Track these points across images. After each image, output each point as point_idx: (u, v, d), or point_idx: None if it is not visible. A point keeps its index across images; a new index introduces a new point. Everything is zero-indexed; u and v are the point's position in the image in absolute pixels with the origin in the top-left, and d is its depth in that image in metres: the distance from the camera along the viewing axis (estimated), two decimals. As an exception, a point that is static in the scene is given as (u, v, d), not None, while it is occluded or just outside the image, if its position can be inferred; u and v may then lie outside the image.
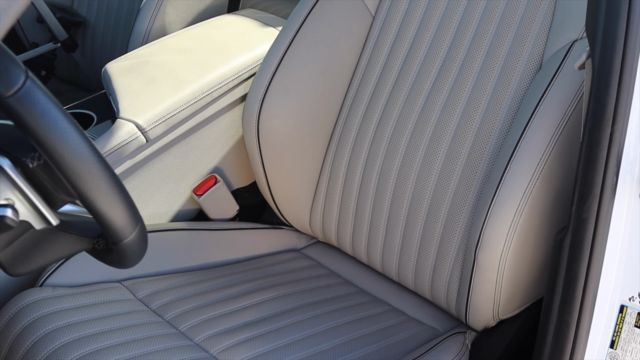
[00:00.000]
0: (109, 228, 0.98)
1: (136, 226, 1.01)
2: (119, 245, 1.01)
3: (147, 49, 1.93)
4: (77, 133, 0.92)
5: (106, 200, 0.95)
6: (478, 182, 1.58)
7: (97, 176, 0.93)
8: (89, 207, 0.95)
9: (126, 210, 0.98)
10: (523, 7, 1.60)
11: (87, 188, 0.93)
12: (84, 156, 0.92)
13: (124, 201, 0.97)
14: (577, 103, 1.45)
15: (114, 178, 0.96)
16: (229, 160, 1.91)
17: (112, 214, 0.96)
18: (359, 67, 1.78)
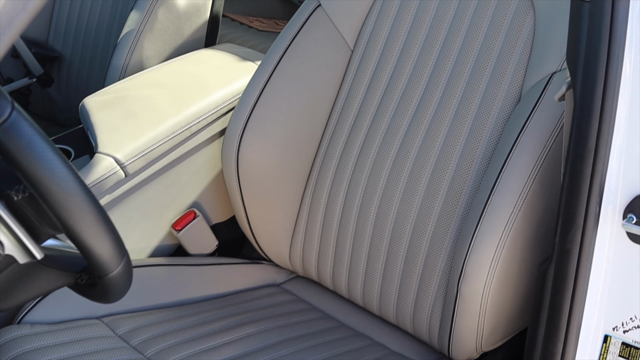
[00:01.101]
0: (94, 261, 0.97)
1: (122, 260, 1.00)
2: (104, 279, 1.00)
3: (125, 83, 1.93)
4: (64, 165, 0.91)
5: (93, 233, 0.94)
6: (459, 214, 1.59)
7: (83, 208, 0.92)
8: (75, 240, 0.94)
9: (112, 244, 0.97)
10: (501, 41, 1.61)
11: (74, 221, 0.92)
12: (71, 188, 0.91)
13: (110, 234, 0.96)
14: (557, 135, 1.46)
15: (100, 210, 0.95)
16: (207, 195, 1.90)
17: (98, 247, 0.95)
18: (338, 101, 1.78)
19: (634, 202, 1.25)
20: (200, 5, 2.21)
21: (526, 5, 1.60)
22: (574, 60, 1.23)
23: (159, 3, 2.12)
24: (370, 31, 1.76)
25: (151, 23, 2.13)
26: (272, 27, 2.91)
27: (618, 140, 1.23)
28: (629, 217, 1.25)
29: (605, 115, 1.21)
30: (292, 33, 1.79)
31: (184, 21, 2.19)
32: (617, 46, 1.18)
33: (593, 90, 1.20)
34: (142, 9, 2.12)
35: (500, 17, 1.62)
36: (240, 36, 2.72)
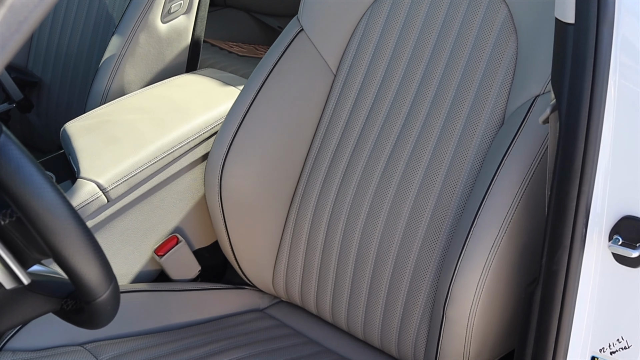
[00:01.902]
0: (83, 286, 0.96)
1: (110, 284, 0.99)
2: (92, 304, 0.99)
3: (107, 108, 1.92)
4: (52, 189, 0.90)
5: (81, 258, 0.93)
6: (444, 236, 1.59)
7: (72, 233, 0.91)
8: (63, 265, 0.93)
9: (101, 268, 0.96)
10: (484, 65, 1.62)
11: (62, 245, 0.91)
12: (59, 212, 0.90)
13: (98, 259, 0.95)
14: (541, 157, 1.47)
15: (89, 235, 0.94)
16: (190, 220, 1.89)
17: (86, 271, 0.94)
18: (321, 125, 1.78)
19: (619, 223, 1.25)
20: (182, 30, 2.21)
21: (508, 29, 1.61)
22: (559, 83, 1.24)
23: (140, 28, 2.12)
24: (353, 56, 1.77)
25: (132, 48, 2.12)
26: (252, 52, 2.91)
27: (603, 162, 1.24)
28: (615, 239, 1.25)
29: (590, 137, 1.22)
30: (274, 58, 1.79)
31: (165, 46, 2.19)
32: (602, 69, 1.19)
33: (579, 112, 1.21)
34: (123, 33, 2.11)
35: (483, 42, 1.63)
36: (221, 61, 2.73)
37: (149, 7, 2.11)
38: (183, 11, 2.20)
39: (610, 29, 1.19)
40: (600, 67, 1.19)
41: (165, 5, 2.14)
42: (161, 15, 2.15)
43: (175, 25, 2.19)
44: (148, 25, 2.13)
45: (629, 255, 1.24)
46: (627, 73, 1.22)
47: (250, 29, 3.15)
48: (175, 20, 2.19)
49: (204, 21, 2.27)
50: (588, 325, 1.30)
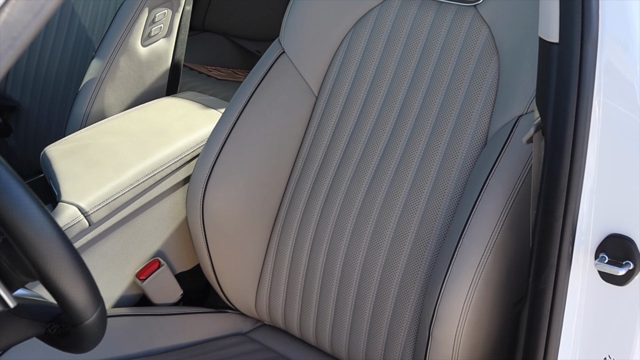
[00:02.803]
0: (70, 309, 0.94)
1: (97, 307, 0.97)
2: (79, 327, 0.97)
3: (87, 131, 1.91)
4: (40, 210, 0.89)
5: (69, 280, 0.92)
6: (428, 257, 1.58)
7: (60, 255, 0.90)
8: (51, 287, 0.91)
9: (88, 291, 0.95)
10: (466, 86, 1.63)
11: (50, 267, 0.90)
12: (47, 234, 0.89)
13: (86, 281, 0.94)
14: (525, 177, 1.47)
15: (77, 257, 0.93)
16: (172, 244, 1.87)
17: (74, 294, 0.93)
18: (304, 147, 1.78)
19: (605, 241, 1.26)
20: (162, 53, 2.21)
21: (490, 51, 1.62)
22: (544, 102, 1.25)
23: (120, 51, 2.11)
24: (335, 78, 1.77)
25: (113, 71, 2.11)
26: (230, 76, 2.91)
27: (589, 180, 1.25)
28: (601, 257, 1.26)
29: (576, 156, 1.22)
30: (256, 80, 1.79)
31: (145, 69, 2.18)
32: (586, 87, 1.20)
33: (564, 130, 1.22)
34: (103, 57, 2.11)
35: (465, 63, 1.64)
36: (200, 85, 2.72)
37: (129, 30, 2.11)
38: (163, 34, 2.20)
39: (595, 47, 1.19)
40: (585, 86, 1.20)
41: (146, 29, 2.14)
42: (141, 39, 2.14)
43: (156, 48, 2.19)
44: (128, 48, 2.13)
45: (616, 273, 1.24)
46: (611, 93, 1.22)
47: (228, 53, 3.15)
48: (156, 44, 2.19)
49: (184, 44, 2.27)
50: (575, 344, 1.30)
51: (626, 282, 1.25)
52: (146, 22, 2.13)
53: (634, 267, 1.24)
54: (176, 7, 2.20)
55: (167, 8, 2.17)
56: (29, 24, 0.57)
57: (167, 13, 2.18)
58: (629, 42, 1.21)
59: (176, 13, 2.20)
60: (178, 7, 2.20)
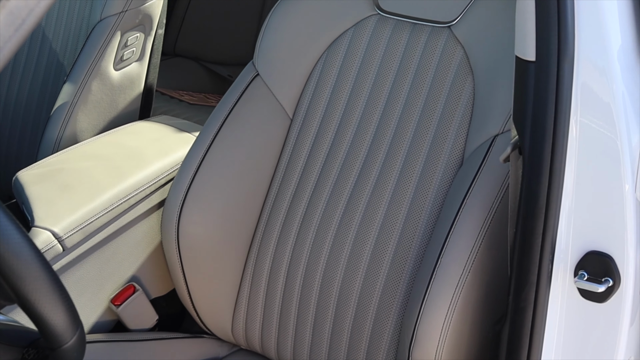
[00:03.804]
0: (49, 332, 0.93)
1: (76, 330, 0.96)
2: (58, 351, 0.96)
3: (60, 156, 1.89)
4: (18, 232, 0.88)
5: (48, 303, 0.90)
6: (406, 278, 1.58)
7: (38, 277, 0.89)
8: (30, 310, 0.90)
9: (67, 314, 0.93)
10: (441, 107, 1.63)
11: (28, 289, 0.88)
12: (25, 256, 0.88)
13: (65, 304, 0.93)
14: (502, 196, 1.47)
15: (56, 279, 0.91)
16: (147, 268, 1.86)
17: (53, 317, 0.91)
18: (279, 169, 1.77)
19: (584, 258, 1.26)
20: (134, 77, 2.20)
21: (465, 71, 1.62)
22: (521, 120, 1.26)
23: (92, 75, 2.10)
24: (309, 100, 1.77)
25: (85, 95, 2.10)
26: (202, 100, 2.91)
27: (567, 198, 1.25)
28: (580, 274, 1.26)
29: (554, 173, 1.23)
30: (230, 103, 1.78)
31: (118, 93, 2.17)
32: (564, 104, 1.21)
33: (542, 148, 1.22)
34: (75, 81, 2.09)
35: (440, 84, 1.65)
36: (173, 109, 2.71)
37: (102, 54, 2.10)
38: (135, 58, 2.19)
39: (571, 65, 1.20)
40: (562, 104, 1.21)
41: (118, 53, 2.13)
42: (114, 63, 2.13)
43: (128, 72, 2.18)
44: (100, 72, 2.12)
45: (595, 290, 1.24)
46: (588, 112, 1.23)
47: (200, 77, 3.15)
48: (128, 68, 2.18)
49: (156, 68, 2.26)
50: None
51: (606, 299, 1.26)
52: (118, 45, 2.12)
53: (614, 283, 1.25)
54: (148, 31, 2.19)
55: (139, 32, 2.16)
56: (10, 38, 0.56)
57: (140, 37, 2.17)
58: (606, 67, 1.22)
59: (148, 37, 2.20)
60: (150, 30, 2.20)
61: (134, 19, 2.14)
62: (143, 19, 2.16)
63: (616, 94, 1.22)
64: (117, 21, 2.10)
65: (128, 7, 2.11)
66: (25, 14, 0.54)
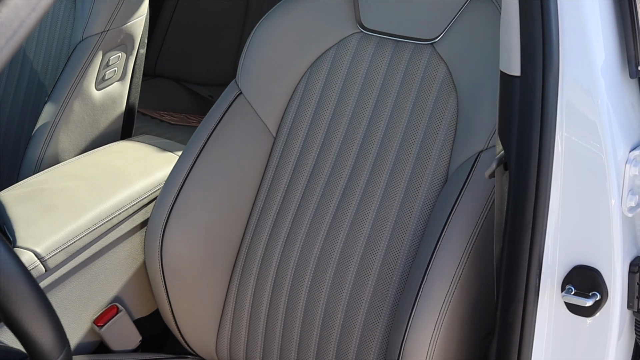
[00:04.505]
0: (36, 351, 0.91)
1: (63, 349, 0.95)
2: (44, 370, 0.94)
3: (42, 176, 1.88)
4: (4, 249, 0.86)
5: (34, 321, 0.89)
6: (391, 297, 1.58)
7: (25, 294, 0.87)
8: (16, 328, 0.88)
9: (54, 332, 0.92)
10: (425, 124, 1.64)
11: (15, 307, 0.87)
12: (12, 273, 0.86)
13: (52, 322, 0.91)
14: (487, 212, 1.47)
15: (42, 297, 0.90)
16: (130, 289, 1.84)
17: (40, 335, 0.90)
18: (263, 188, 1.77)
19: (571, 273, 1.26)
20: (116, 97, 2.19)
21: (448, 88, 1.63)
22: (506, 135, 1.26)
23: (74, 95, 2.09)
24: (292, 118, 1.77)
25: (67, 115, 2.09)
26: (184, 121, 2.90)
27: (554, 213, 1.25)
28: (568, 289, 1.26)
29: (541, 188, 1.23)
30: (213, 121, 1.78)
31: (100, 113, 2.16)
32: (549, 118, 1.21)
33: (528, 163, 1.23)
34: (56, 101, 2.08)
35: (423, 101, 1.65)
36: (154, 129, 2.70)
37: (83, 73, 2.09)
38: (117, 78, 2.18)
39: (556, 79, 1.21)
40: (547, 117, 1.21)
41: (100, 72, 2.12)
42: (95, 82, 2.13)
43: (110, 92, 2.17)
44: (82, 92, 2.11)
45: (583, 305, 1.24)
46: (573, 129, 1.24)
47: (180, 98, 3.14)
48: (110, 87, 2.17)
49: (138, 88, 2.25)
50: (544, 378, 1.30)
51: (593, 313, 1.26)
52: (100, 65, 2.12)
53: (601, 297, 1.25)
54: (130, 51, 2.19)
55: (121, 51, 2.16)
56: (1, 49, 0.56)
57: (122, 56, 2.17)
58: (591, 83, 1.23)
59: (130, 56, 2.19)
60: (132, 50, 2.19)
61: (115, 39, 2.13)
62: (125, 38, 2.16)
63: (601, 109, 1.22)
64: (99, 41, 2.10)
65: (110, 26, 2.11)
66: (17, 25, 0.54)
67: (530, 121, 1.22)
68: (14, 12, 0.54)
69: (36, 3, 0.55)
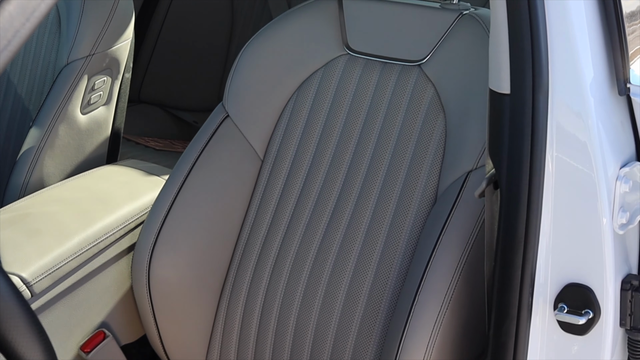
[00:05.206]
0: (26, 373, 0.89)
1: (53, 371, 0.93)
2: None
3: (27, 201, 1.86)
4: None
5: (25, 342, 0.87)
6: (381, 319, 1.57)
7: (15, 315, 0.86)
8: (5, 349, 0.87)
9: (45, 354, 0.90)
10: (413, 145, 1.64)
11: (5, 328, 0.85)
12: (3, 294, 0.85)
13: (43, 344, 0.90)
14: (478, 231, 1.47)
15: (33, 318, 0.89)
16: (117, 314, 1.82)
17: (30, 357, 0.88)
18: (251, 211, 1.76)
19: (564, 291, 1.26)
20: (102, 121, 2.18)
21: (436, 108, 1.63)
22: (497, 154, 1.26)
23: (59, 119, 2.08)
24: (280, 141, 1.76)
25: (52, 140, 2.07)
26: (168, 146, 2.89)
27: (545, 230, 1.25)
28: (560, 307, 1.26)
29: (532, 205, 1.23)
30: (201, 145, 1.77)
31: (85, 137, 2.15)
32: (540, 135, 1.21)
33: (519, 180, 1.23)
34: (41, 125, 2.07)
35: (411, 122, 1.65)
36: (139, 155, 2.69)
37: (69, 98, 2.08)
38: (103, 102, 2.17)
39: (546, 97, 1.21)
40: (538, 134, 1.21)
41: (85, 96, 2.11)
42: (81, 106, 2.11)
43: (95, 116, 2.16)
44: (67, 116, 2.09)
45: (576, 323, 1.24)
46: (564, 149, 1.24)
47: (165, 124, 3.13)
48: (95, 112, 2.16)
49: (123, 112, 2.24)
50: (538, 397, 1.29)
51: (586, 331, 1.25)
52: (85, 89, 2.11)
53: (594, 315, 1.24)
54: (115, 75, 2.18)
55: (106, 75, 2.15)
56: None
57: (107, 80, 2.16)
58: (581, 106, 1.23)
59: (115, 80, 2.18)
60: (117, 74, 2.18)
61: (101, 63, 2.12)
62: (110, 62, 2.15)
63: (591, 128, 1.23)
64: (84, 65, 2.09)
65: (95, 50, 2.10)
66: (11, 34, 0.53)
67: (521, 139, 1.22)
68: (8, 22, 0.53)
69: (30, 13, 0.55)
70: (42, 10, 0.55)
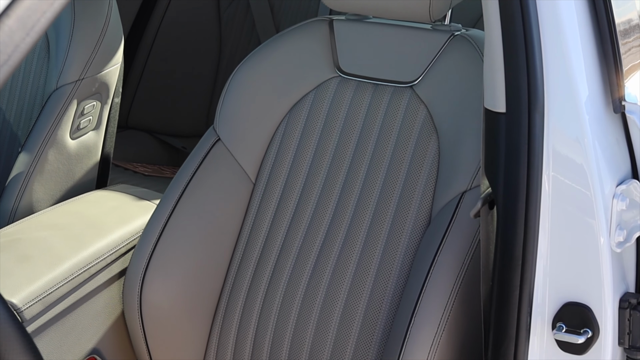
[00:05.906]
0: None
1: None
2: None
3: (17, 226, 1.84)
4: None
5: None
6: (377, 342, 1.56)
7: (11, 337, 0.85)
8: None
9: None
10: (406, 166, 1.63)
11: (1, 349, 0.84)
12: None
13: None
14: (473, 252, 1.47)
15: (29, 340, 0.87)
16: (108, 340, 1.80)
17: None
18: (243, 235, 1.75)
19: (562, 310, 1.25)
20: (91, 146, 2.17)
21: (429, 130, 1.63)
22: (493, 173, 1.25)
23: (49, 144, 2.06)
24: (272, 164, 1.76)
25: (41, 165, 2.06)
26: (157, 172, 2.88)
27: (542, 250, 1.25)
28: (559, 326, 1.25)
29: (529, 224, 1.23)
30: (192, 168, 1.76)
31: (75, 162, 2.13)
32: (536, 154, 1.21)
33: (516, 199, 1.22)
34: (30, 150, 2.05)
35: (404, 143, 1.65)
36: (128, 180, 2.68)
37: (58, 122, 2.07)
38: (92, 127, 2.16)
39: (542, 115, 1.21)
40: (534, 152, 1.21)
41: (74, 121, 2.10)
42: (70, 131, 2.10)
43: (85, 141, 2.15)
44: (57, 141, 2.08)
45: (575, 342, 1.23)
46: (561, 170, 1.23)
47: (153, 149, 3.12)
48: (85, 137, 2.15)
49: (113, 137, 2.23)
50: (537, 418, 1.28)
51: (585, 350, 1.25)
52: (75, 114, 2.10)
53: (593, 334, 1.23)
54: (105, 99, 2.17)
55: (96, 100, 2.14)
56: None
57: (96, 105, 2.15)
58: (576, 125, 1.23)
59: (105, 105, 2.18)
60: (107, 99, 2.18)
61: (90, 87, 2.11)
62: (99, 87, 2.14)
63: (587, 148, 1.23)
64: (74, 89, 2.08)
65: (84, 75, 2.09)
66: (11, 49, 0.53)
67: (517, 157, 1.21)
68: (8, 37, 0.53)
69: (30, 28, 0.54)
70: (42, 25, 0.55)
